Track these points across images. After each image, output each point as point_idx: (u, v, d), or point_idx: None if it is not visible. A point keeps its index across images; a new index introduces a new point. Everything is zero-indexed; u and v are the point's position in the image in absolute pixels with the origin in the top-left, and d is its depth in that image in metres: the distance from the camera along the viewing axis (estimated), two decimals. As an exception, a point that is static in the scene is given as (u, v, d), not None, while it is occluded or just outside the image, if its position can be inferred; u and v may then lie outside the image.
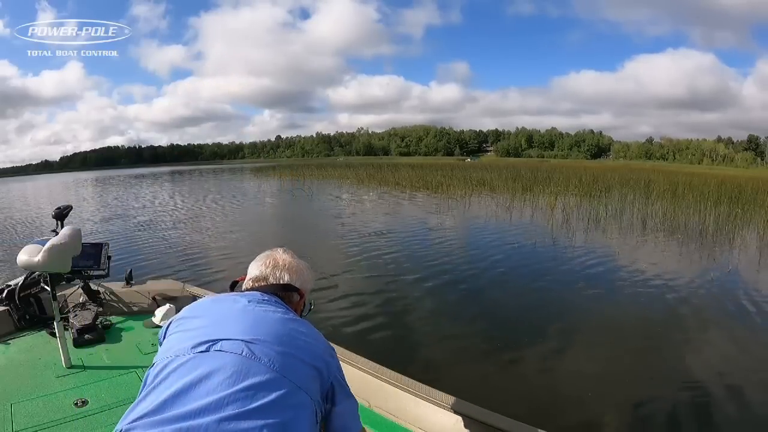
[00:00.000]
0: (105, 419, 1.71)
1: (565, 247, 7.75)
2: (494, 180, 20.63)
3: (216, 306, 1.00)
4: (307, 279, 1.15)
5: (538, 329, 4.17)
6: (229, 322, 0.92)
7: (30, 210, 16.46)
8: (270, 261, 1.13)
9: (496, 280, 5.83)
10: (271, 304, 1.00)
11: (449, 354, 3.71)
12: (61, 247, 1.96)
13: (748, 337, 4.13)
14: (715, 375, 3.38)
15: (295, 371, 0.86)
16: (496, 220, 10.73)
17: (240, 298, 1.00)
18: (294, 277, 1.11)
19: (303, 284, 1.13)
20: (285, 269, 1.11)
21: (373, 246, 7.73)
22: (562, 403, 2.97)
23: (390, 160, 62.18)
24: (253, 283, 1.10)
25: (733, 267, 6.57)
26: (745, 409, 2.93)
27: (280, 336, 0.90)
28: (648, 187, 17.65)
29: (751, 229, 9.91)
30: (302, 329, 0.96)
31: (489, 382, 3.24)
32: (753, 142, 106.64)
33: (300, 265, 1.15)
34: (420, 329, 4.23)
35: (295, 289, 1.11)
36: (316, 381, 0.89)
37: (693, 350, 3.86)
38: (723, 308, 4.85)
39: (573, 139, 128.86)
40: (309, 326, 0.99)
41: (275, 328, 0.92)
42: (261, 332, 0.89)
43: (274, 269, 1.11)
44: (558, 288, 5.53)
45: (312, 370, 0.89)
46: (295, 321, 0.98)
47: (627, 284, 5.62)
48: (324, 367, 0.92)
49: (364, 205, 14.24)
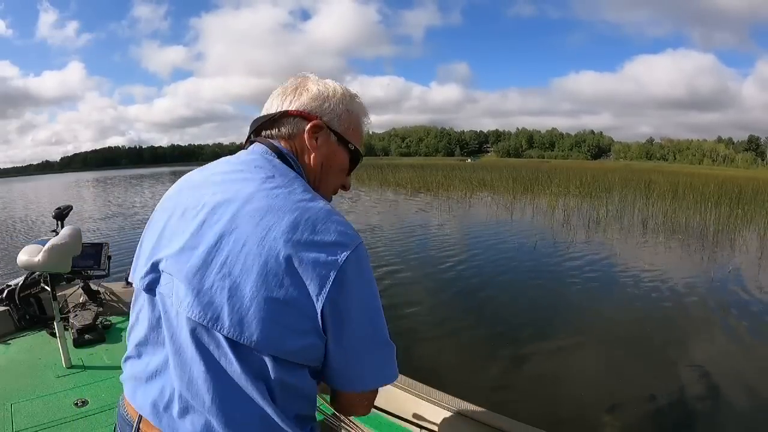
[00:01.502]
0: (105, 419, 1.71)
1: (566, 247, 7.74)
2: (495, 181, 20.62)
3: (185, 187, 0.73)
4: (331, 100, 0.75)
5: (538, 329, 4.17)
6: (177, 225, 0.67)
7: (30, 210, 16.48)
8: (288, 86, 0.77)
9: (496, 280, 5.83)
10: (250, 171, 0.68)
11: (449, 354, 3.71)
12: (61, 247, 1.96)
13: (749, 337, 4.12)
14: (715, 375, 3.37)
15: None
16: (497, 221, 10.73)
17: (219, 166, 0.73)
18: (303, 101, 0.74)
19: (318, 107, 0.74)
20: (294, 92, 0.76)
21: (373, 246, 7.72)
22: (562, 403, 2.97)
23: (390, 161, 62.29)
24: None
25: (733, 267, 6.56)
26: (745, 409, 2.93)
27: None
28: (648, 187, 17.64)
29: (751, 229, 9.90)
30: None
31: (489, 382, 3.24)
32: (753, 143, 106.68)
33: (328, 85, 0.77)
34: (420, 329, 4.22)
35: (294, 115, 0.74)
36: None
37: (693, 350, 3.85)
38: (724, 309, 4.84)
39: (573, 140, 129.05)
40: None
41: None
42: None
43: (282, 97, 0.76)
44: (558, 288, 5.52)
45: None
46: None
47: (627, 285, 5.62)
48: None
49: (363, 206, 14.24)
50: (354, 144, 0.77)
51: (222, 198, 0.65)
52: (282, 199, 0.63)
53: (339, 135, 0.75)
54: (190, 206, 0.67)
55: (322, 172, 0.76)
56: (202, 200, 0.66)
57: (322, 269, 0.59)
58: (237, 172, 0.69)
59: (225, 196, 0.65)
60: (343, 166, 0.78)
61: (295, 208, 0.62)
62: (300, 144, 0.74)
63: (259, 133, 0.77)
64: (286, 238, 0.59)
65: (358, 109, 0.79)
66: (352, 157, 0.78)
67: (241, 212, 0.62)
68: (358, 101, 0.79)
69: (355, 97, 0.79)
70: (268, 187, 0.65)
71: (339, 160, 0.77)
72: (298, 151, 0.74)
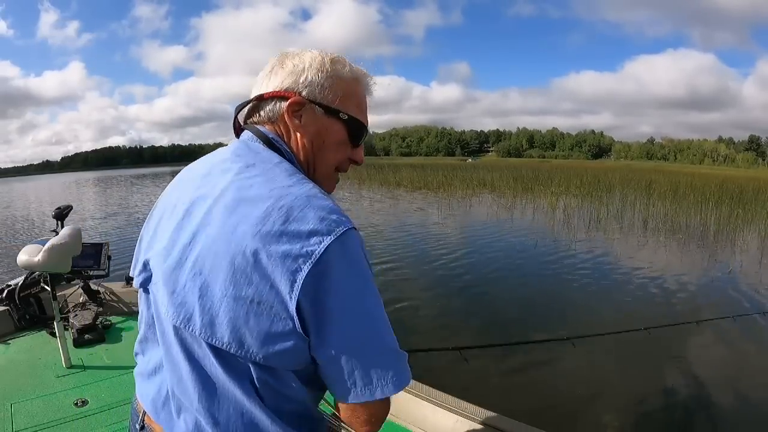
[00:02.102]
0: (105, 419, 1.71)
1: (566, 247, 7.73)
2: (495, 180, 20.60)
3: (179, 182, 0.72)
4: (310, 69, 0.68)
5: (538, 329, 4.16)
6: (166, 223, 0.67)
7: (30, 210, 16.48)
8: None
9: (496, 280, 5.82)
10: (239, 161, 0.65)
11: (450, 354, 3.70)
12: (61, 247, 1.96)
13: (749, 337, 4.12)
14: (714, 375, 3.37)
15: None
16: (497, 220, 10.72)
17: (212, 156, 0.71)
18: (279, 79, 0.69)
19: (294, 83, 0.68)
20: (271, 72, 0.70)
21: (373, 246, 7.72)
22: (561, 403, 2.96)
23: (391, 161, 62.23)
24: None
25: (734, 267, 6.55)
26: (744, 409, 2.92)
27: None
28: (649, 187, 17.62)
29: (752, 229, 9.89)
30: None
31: (489, 382, 3.23)
32: (754, 143, 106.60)
33: (304, 54, 0.70)
34: (420, 329, 4.22)
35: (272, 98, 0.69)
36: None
37: (693, 351, 3.84)
38: (724, 309, 4.83)
39: (574, 140, 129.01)
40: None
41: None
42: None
43: (261, 81, 0.72)
44: (558, 288, 5.52)
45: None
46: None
47: (627, 284, 5.61)
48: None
49: (364, 205, 14.23)
50: (347, 113, 0.69)
51: (202, 192, 0.62)
52: (257, 189, 0.58)
53: (325, 107, 0.68)
54: (179, 202, 0.65)
55: (315, 151, 0.69)
56: (187, 196, 0.64)
57: (293, 263, 0.53)
58: (222, 162, 0.66)
59: (204, 191, 0.62)
60: (340, 139, 0.70)
61: (270, 196, 0.57)
62: (284, 126, 0.69)
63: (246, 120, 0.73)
64: (254, 231, 0.54)
65: (346, 73, 0.70)
66: (351, 128, 0.70)
67: (215, 207, 0.59)
68: (344, 65, 0.70)
69: (338, 62, 0.70)
70: (245, 177, 0.60)
71: (334, 135, 0.69)
72: (284, 134, 0.69)
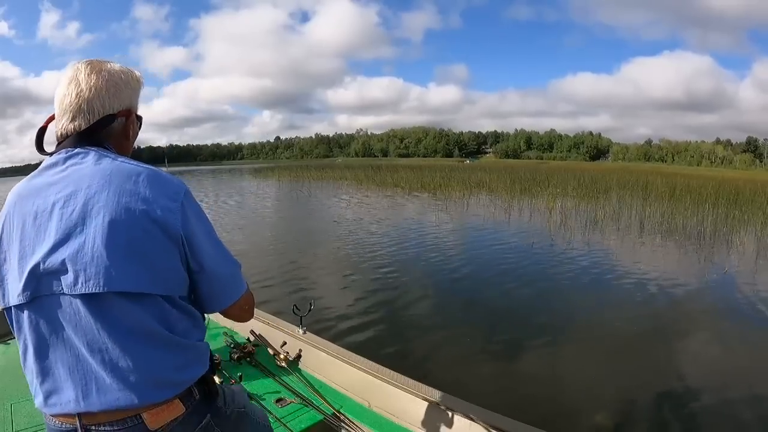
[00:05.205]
0: (105, 419, 1.71)
1: (563, 248, 7.75)
2: (493, 182, 20.64)
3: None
4: (125, 89, 0.84)
5: (536, 329, 4.18)
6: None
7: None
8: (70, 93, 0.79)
9: (494, 281, 5.83)
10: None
11: (449, 354, 3.72)
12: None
13: (743, 338, 4.14)
14: (710, 375, 3.39)
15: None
16: (494, 221, 10.74)
17: (44, 171, 0.78)
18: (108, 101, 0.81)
19: (121, 101, 0.83)
20: (92, 97, 0.79)
21: (372, 246, 7.73)
22: (560, 403, 2.98)
23: (389, 162, 62.15)
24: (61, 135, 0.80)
25: (730, 268, 6.59)
26: (741, 409, 2.94)
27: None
28: (646, 188, 17.68)
29: (748, 230, 9.94)
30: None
31: (489, 382, 3.25)
32: (752, 144, 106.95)
33: (111, 78, 0.82)
34: (420, 329, 4.23)
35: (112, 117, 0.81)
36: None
37: (689, 351, 3.87)
38: (719, 310, 4.86)
39: (572, 141, 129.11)
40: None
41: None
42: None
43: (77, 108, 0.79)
44: (556, 289, 5.53)
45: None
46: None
47: (624, 285, 5.63)
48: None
49: (362, 207, 14.24)
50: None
51: (70, 189, 0.73)
52: (117, 169, 0.75)
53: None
54: (39, 210, 0.73)
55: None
56: (49, 200, 0.73)
57: (170, 207, 0.75)
58: (66, 168, 0.77)
59: (71, 188, 0.73)
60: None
61: (131, 171, 0.76)
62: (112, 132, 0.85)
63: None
64: (136, 196, 0.73)
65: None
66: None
67: (90, 191, 0.72)
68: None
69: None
70: (103, 163, 0.76)
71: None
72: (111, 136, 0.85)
